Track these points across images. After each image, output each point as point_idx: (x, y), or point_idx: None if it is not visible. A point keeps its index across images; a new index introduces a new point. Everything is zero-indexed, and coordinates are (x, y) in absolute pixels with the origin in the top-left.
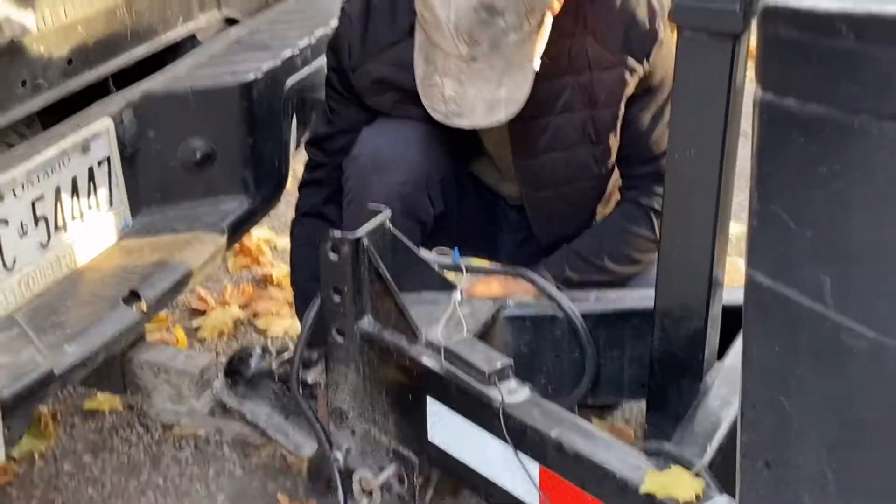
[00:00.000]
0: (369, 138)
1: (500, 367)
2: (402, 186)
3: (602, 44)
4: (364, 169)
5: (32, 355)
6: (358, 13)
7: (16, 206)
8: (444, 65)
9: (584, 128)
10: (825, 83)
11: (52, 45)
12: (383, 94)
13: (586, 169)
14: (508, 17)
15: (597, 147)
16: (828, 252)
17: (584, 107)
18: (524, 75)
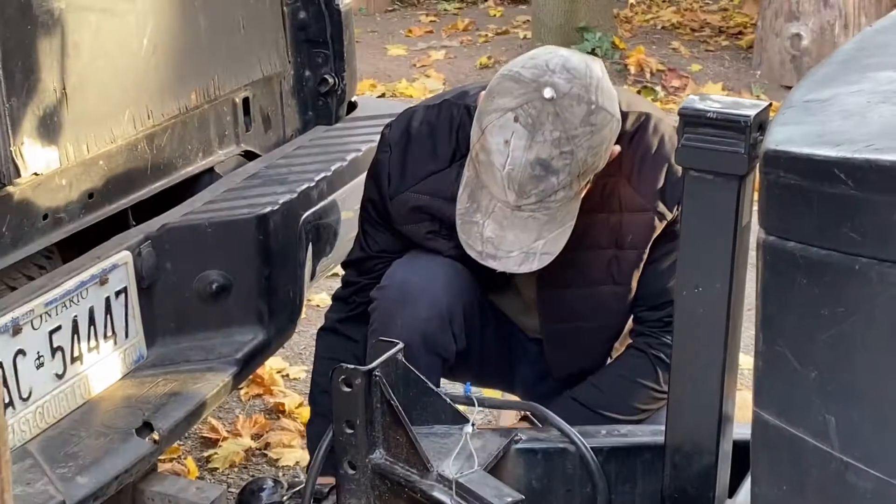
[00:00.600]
0: (398, 271)
1: (511, 501)
2: (427, 323)
3: (635, 187)
4: (390, 301)
5: (45, 487)
6: (397, 140)
7: (33, 337)
8: (488, 206)
9: (608, 266)
10: (826, 228)
11: (74, 179)
12: (419, 224)
13: (606, 307)
14: (562, 177)
15: (619, 287)
16: (833, 392)
17: (611, 246)
18: (563, 231)
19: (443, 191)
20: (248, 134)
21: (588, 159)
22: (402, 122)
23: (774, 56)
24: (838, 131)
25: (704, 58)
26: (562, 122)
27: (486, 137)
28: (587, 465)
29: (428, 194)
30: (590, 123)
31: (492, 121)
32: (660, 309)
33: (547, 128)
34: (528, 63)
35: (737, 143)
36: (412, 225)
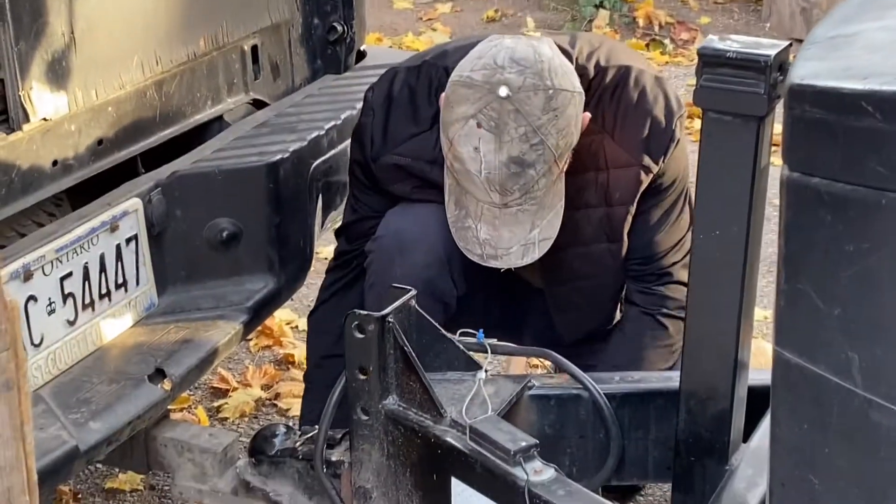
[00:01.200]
0: (392, 220)
1: (525, 446)
2: (425, 269)
3: (619, 142)
4: (387, 250)
5: (58, 432)
6: (380, 103)
7: (45, 283)
8: (476, 210)
9: (600, 224)
10: (852, 162)
11: (83, 125)
12: (403, 182)
13: (604, 264)
14: (538, 167)
15: (613, 244)
16: (856, 330)
17: (601, 204)
18: (556, 214)
19: (424, 153)
20: (256, 82)
21: (560, 142)
22: (383, 86)
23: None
24: (865, 65)
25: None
26: (524, 116)
27: (456, 148)
28: (600, 411)
29: (410, 157)
30: (552, 109)
31: (456, 131)
32: (651, 261)
33: (511, 126)
34: (476, 65)
35: (756, 84)
36: (398, 184)
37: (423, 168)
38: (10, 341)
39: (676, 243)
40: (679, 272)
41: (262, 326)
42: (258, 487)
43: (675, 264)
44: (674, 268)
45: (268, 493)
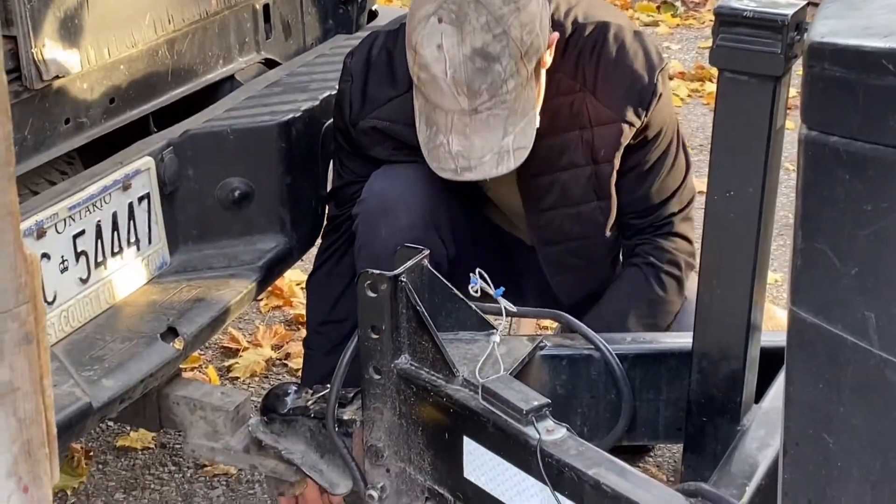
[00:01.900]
0: (375, 183)
1: (537, 405)
2: (410, 229)
3: (601, 99)
4: (371, 213)
5: (71, 389)
6: (359, 69)
7: (57, 241)
8: (446, 123)
9: (588, 183)
10: (871, 121)
11: (95, 83)
12: (382, 145)
13: (595, 223)
14: (504, 62)
15: (602, 202)
16: (873, 289)
17: (588, 163)
18: (528, 121)
19: (403, 116)
20: (268, 42)
21: (524, 38)
22: (362, 50)
23: None
24: (885, 24)
25: None
26: (484, 6)
27: (419, 52)
28: (612, 371)
29: (388, 120)
30: (512, 1)
31: (419, 33)
32: (647, 215)
33: (472, 16)
34: None
35: (773, 43)
36: (377, 147)
37: (402, 131)
38: (30, 294)
39: (672, 194)
40: (678, 224)
41: (273, 287)
42: (270, 445)
43: (673, 216)
44: (672, 219)
45: (280, 450)
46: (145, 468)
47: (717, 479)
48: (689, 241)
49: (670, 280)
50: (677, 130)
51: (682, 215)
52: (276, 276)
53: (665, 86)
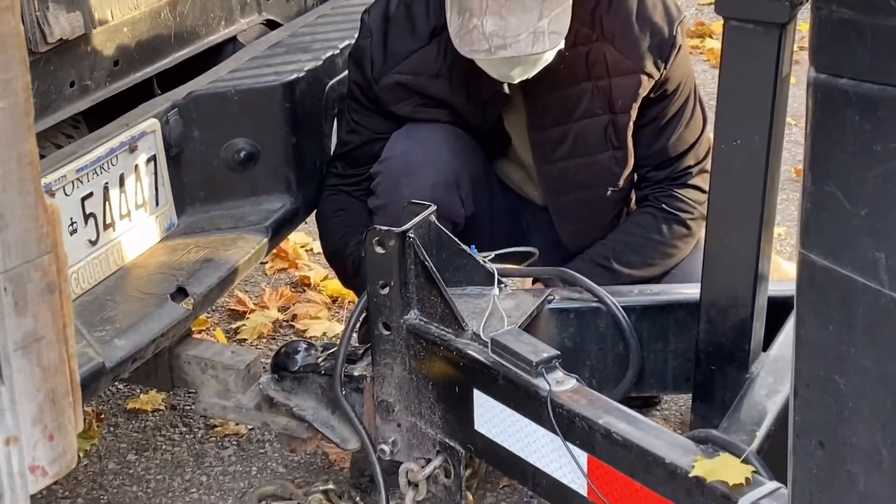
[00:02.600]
0: (399, 142)
1: (546, 357)
2: (434, 189)
3: (621, 50)
4: (394, 172)
5: (84, 350)
6: (378, 24)
7: (66, 203)
8: (481, 6)
9: (605, 133)
10: (880, 62)
11: (99, 46)
12: (405, 101)
13: (608, 174)
14: None
15: (618, 151)
16: (882, 229)
17: (605, 112)
18: (564, 10)
19: (426, 68)
20: (269, 2)
21: None
22: (380, 7)
23: None
24: None
25: None
26: None
27: None
28: (618, 324)
29: (411, 73)
30: None
31: None
32: (664, 167)
33: None
34: None
35: None
36: (401, 103)
37: (426, 84)
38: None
39: (690, 147)
40: (696, 177)
41: (278, 249)
42: (281, 403)
43: (689, 168)
44: (689, 171)
45: (291, 407)
46: (156, 430)
47: (726, 425)
48: (704, 191)
49: (678, 226)
50: (694, 85)
51: (699, 167)
52: (283, 236)
53: (683, 38)
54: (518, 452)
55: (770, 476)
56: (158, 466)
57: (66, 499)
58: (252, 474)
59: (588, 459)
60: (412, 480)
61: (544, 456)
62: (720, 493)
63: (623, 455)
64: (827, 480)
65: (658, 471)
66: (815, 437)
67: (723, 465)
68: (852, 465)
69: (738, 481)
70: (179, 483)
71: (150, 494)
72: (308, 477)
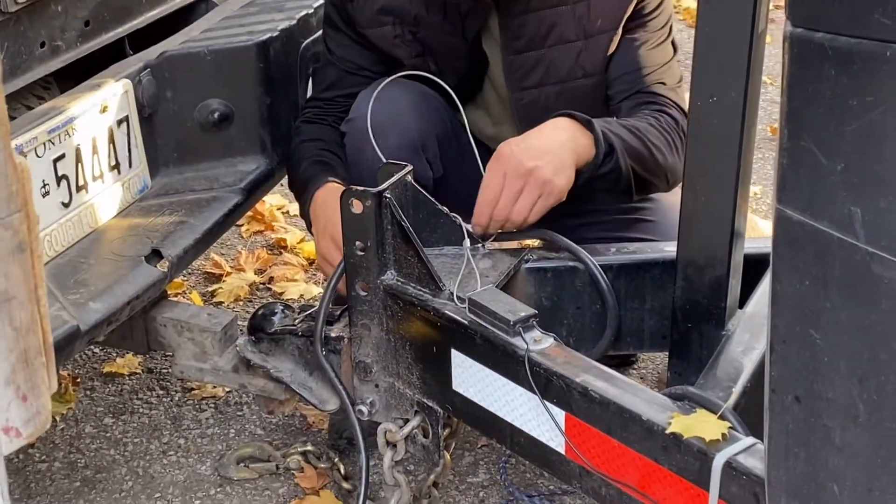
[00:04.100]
0: (364, 101)
1: (524, 316)
2: (398, 150)
3: None
4: (360, 133)
5: (58, 312)
6: None
7: (38, 165)
8: None
9: (578, 59)
10: (856, 15)
11: (69, 6)
12: (383, 26)
13: (582, 100)
14: None
15: (591, 78)
16: (859, 184)
17: (579, 38)
18: None
19: None
20: None
21: None
22: None
23: None
24: None
25: None
26: None
27: None
28: (596, 282)
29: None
30: None
31: None
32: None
33: None
34: None
35: None
36: (376, 28)
37: (403, 4)
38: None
39: (666, 62)
40: (675, 93)
41: (254, 211)
42: (259, 364)
43: (667, 85)
44: (663, 88)
45: (268, 369)
46: (133, 393)
47: (703, 382)
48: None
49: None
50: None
51: (674, 85)
52: (258, 198)
53: None
54: (496, 412)
55: (746, 432)
56: (136, 430)
57: (42, 462)
58: (230, 437)
59: (566, 417)
60: (390, 440)
61: (522, 415)
62: (696, 449)
63: (600, 413)
64: (803, 435)
65: (635, 428)
66: (792, 392)
67: (699, 422)
68: (828, 419)
69: (715, 437)
70: (157, 446)
71: (127, 458)
72: (286, 439)
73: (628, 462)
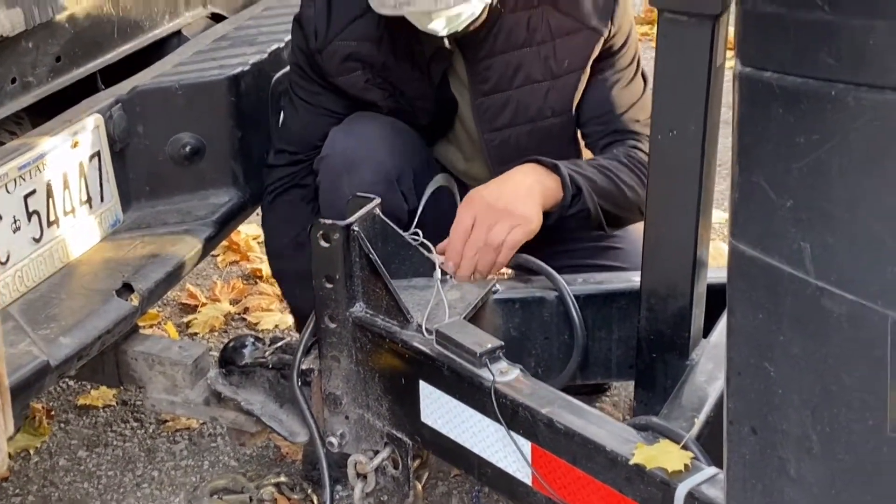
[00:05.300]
0: (338, 138)
1: (490, 347)
2: (373, 186)
3: (563, 10)
4: (334, 169)
5: (28, 348)
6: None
7: (9, 201)
8: None
9: (545, 100)
10: (802, 55)
11: (40, 42)
12: (352, 73)
13: (550, 141)
14: None
15: (561, 117)
16: (808, 220)
17: (546, 78)
18: None
19: (368, 34)
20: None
21: None
22: None
23: None
24: None
25: None
26: None
27: None
28: (567, 310)
29: (355, 40)
30: None
31: None
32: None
33: None
34: None
35: None
36: (346, 76)
37: (371, 51)
38: None
39: (636, 101)
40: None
41: (229, 242)
42: (229, 397)
43: (639, 123)
44: (637, 125)
45: (239, 402)
46: (107, 425)
47: (667, 412)
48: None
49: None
50: (638, 46)
51: (645, 123)
52: (230, 230)
53: None
54: (464, 443)
55: (709, 462)
56: (110, 462)
57: (17, 496)
58: (204, 468)
59: (532, 448)
60: (360, 472)
61: (489, 446)
62: (660, 480)
63: (565, 443)
64: (759, 466)
65: (599, 458)
66: (748, 423)
67: (662, 452)
68: (783, 450)
69: (678, 468)
70: (131, 479)
71: (101, 490)
72: (260, 470)
73: (593, 492)
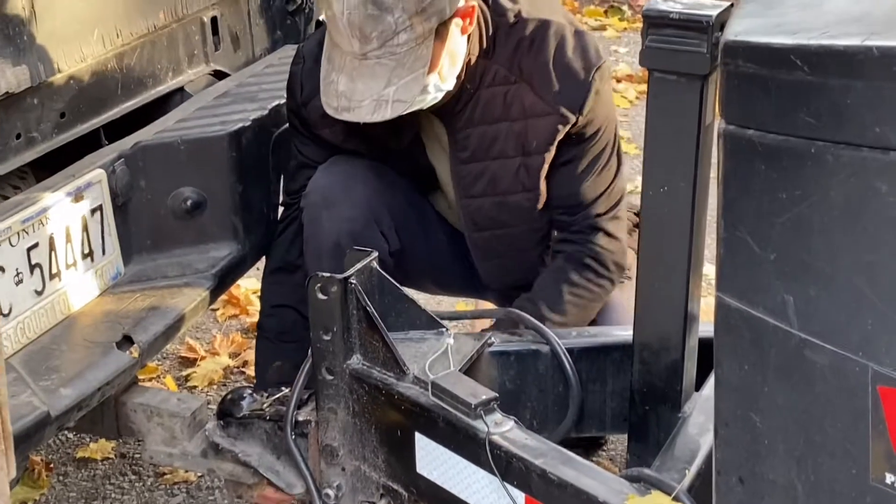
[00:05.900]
0: (320, 176)
1: (485, 399)
2: (350, 222)
3: (538, 92)
4: (315, 205)
5: (29, 399)
6: (310, 51)
7: (12, 254)
8: (340, 62)
9: (517, 174)
10: (783, 114)
11: (45, 98)
12: (332, 126)
13: (521, 213)
14: (397, 15)
15: (529, 193)
16: (790, 273)
17: (518, 154)
18: (415, 79)
19: None
20: (217, 53)
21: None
22: (316, 35)
23: None
24: (795, 21)
25: None
26: None
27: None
28: (561, 365)
29: None
30: None
31: None
32: (577, 211)
33: None
34: None
35: (699, 43)
36: (327, 129)
37: None
38: None
39: (602, 192)
40: (607, 223)
41: (229, 295)
42: (227, 449)
43: (601, 216)
44: (601, 219)
45: (237, 454)
46: (106, 478)
47: (659, 464)
48: (616, 238)
49: (590, 273)
50: (615, 132)
51: (610, 215)
52: (229, 284)
53: (603, 83)
54: (458, 494)
55: None
56: None
57: None
58: None
59: (525, 500)
60: None
61: (484, 497)
62: None
63: (558, 495)
64: None
65: None
66: (736, 473)
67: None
68: (770, 500)
69: None
70: None
71: None
72: None
73: None
